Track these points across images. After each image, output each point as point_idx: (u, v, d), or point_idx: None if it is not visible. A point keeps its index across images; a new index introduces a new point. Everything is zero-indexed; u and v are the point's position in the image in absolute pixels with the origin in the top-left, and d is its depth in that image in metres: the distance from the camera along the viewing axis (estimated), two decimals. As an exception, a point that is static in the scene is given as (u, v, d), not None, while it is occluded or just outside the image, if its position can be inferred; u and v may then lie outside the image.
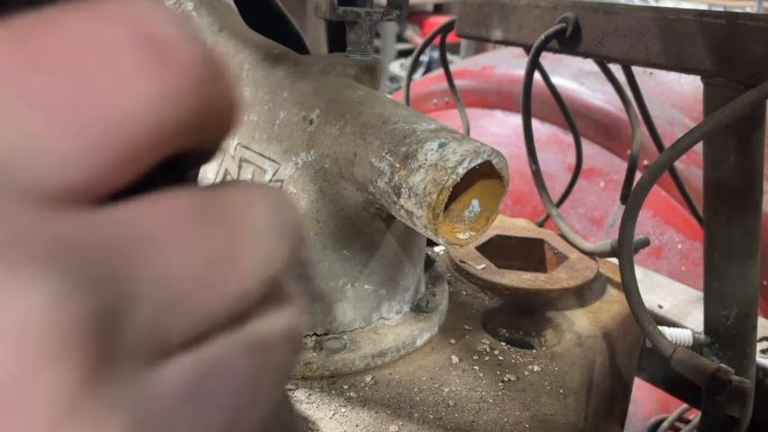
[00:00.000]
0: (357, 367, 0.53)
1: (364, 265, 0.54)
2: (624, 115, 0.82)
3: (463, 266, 0.70)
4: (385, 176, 0.46)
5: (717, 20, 0.57)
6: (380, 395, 0.51)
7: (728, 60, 0.57)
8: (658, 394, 0.96)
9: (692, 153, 0.63)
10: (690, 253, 1.38)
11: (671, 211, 1.42)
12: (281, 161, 0.53)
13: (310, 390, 0.51)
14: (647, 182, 0.54)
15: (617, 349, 0.63)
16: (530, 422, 0.49)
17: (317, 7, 0.53)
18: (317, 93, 0.53)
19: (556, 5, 0.72)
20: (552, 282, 0.68)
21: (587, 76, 1.56)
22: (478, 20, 0.82)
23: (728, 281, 0.69)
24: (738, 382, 0.51)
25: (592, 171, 1.50)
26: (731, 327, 0.72)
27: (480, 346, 0.57)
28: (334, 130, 0.50)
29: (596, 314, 0.65)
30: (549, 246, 0.76)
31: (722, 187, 0.65)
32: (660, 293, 0.90)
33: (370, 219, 0.53)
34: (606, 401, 0.64)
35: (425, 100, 1.86)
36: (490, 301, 0.66)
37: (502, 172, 0.46)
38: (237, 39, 0.61)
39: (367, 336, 0.56)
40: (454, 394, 0.51)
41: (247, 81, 0.58)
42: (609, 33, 0.66)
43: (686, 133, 0.53)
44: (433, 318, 0.59)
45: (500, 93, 1.70)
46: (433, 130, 0.46)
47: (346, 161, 0.49)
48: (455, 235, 0.46)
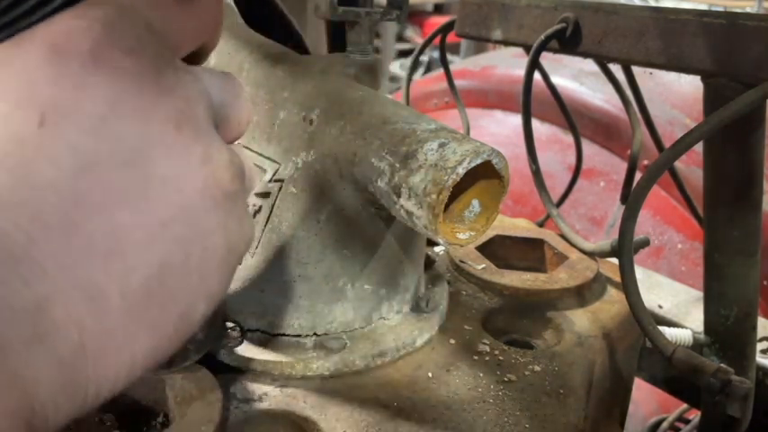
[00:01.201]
0: (357, 367, 0.53)
1: (364, 265, 0.54)
2: (624, 115, 0.82)
3: (463, 266, 0.70)
4: (385, 176, 0.46)
5: (717, 20, 0.57)
6: (380, 395, 0.51)
7: (728, 60, 0.57)
8: (658, 394, 0.96)
9: (692, 153, 0.63)
10: (690, 253, 1.38)
11: (671, 211, 1.43)
12: (281, 161, 0.53)
13: (310, 390, 0.51)
14: (647, 182, 0.54)
15: (617, 349, 0.63)
16: (530, 422, 0.49)
17: (317, 7, 0.53)
18: (317, 93, 0.53)
19: (556, 5, 0.72)
20: (552, 282, 0.68)
21: (587, 76, 1.56)
22: (478, 20, 0.82)
23: (728, 281, 0.69)
24: (738, 382, 0.51)
25: (592, 171, 1.50)
26: (731, 327, 0.72)
27: (480, 346, 0.57)
28: (334, 130, 0.50)
29: (596, 314, 0.65)
30: (549, 246, 0.76)
31: (722, 187, 0.65)
32: (660, 293, 0.90)
33: (370, 219, 0.53)
34: (606, 401, 0.64)
35: (425, 100, 1.86)
36: (490, 301, 0.66)
37: (502, 172, 0.46)
38: (237, 39, 0.61)
39: (367, 336, 0.56)
40: (454, 394, 0.51)
41: (247, 81, 0.58)
42: (609, 33, 0.66)
43: (686, 133, 0.53)
44: (432, 318, 0.59)
45: (500, 93, 1.70)
46: (433, 130, 0.46)
47: (346, 161, 0.49)
48: (455, 235, 0.46)
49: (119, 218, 0.24)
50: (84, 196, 0.23)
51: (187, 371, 0.49)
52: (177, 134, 0.26)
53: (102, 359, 0.24)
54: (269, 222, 0.53)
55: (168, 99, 0.26)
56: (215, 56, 0.61)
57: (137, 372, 0.26)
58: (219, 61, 0.60)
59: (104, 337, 0.24)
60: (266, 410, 0.48)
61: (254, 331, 0.55)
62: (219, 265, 0.28)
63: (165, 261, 0.25)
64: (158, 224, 0.25)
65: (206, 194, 0.27)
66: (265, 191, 0.54)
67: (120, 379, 0.25)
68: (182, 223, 0.26)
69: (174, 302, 0.26)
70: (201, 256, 0.27)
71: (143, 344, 0.26)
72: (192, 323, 0.28)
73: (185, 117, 0.27)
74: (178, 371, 0.48)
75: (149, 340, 0.26)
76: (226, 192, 0.28)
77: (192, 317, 0.28)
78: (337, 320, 0.55)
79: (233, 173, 0.28)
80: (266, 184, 0.54)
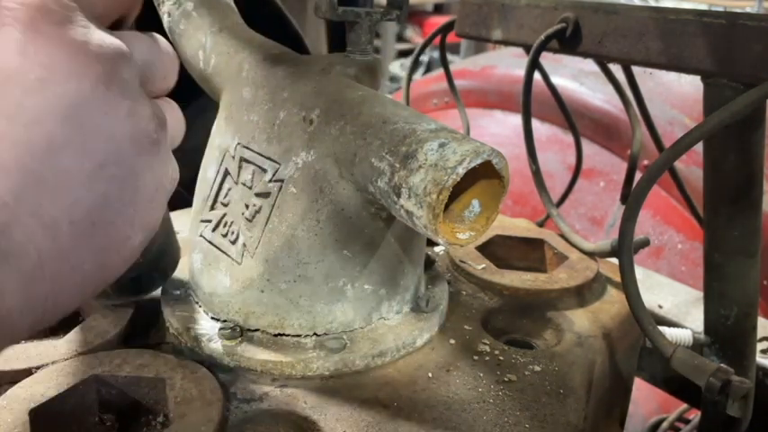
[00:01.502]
0: (357, 367, 0.53)
1: (364, 265, 0.54)
2: (624, 115, 0.82)
3: (463, 266, 0.70)
4: (385, 176, 0.46)
5: (717, 20, 0.57)
6: (380, 395, 0.51)
7: (728, 60, 0.57)
8: (658, 394, 0.96)
9: (692, 153, 0.63)
10: (690, 253, 1.38)
11: (671, 211, 1.43)
12: (281, 161, 0.53)
13: (310, 390, 0.51)
14: (647, 182, 0.54)
15: (617, 349, 0.63)
16: (530, 422, 0.49)
17: (316, 7, 0.53)
18: (317, 93, 0.53)
19: (556, 5, 0.72)
20: (552, 282, 0.68)
21: (587, 76, 1.56)
22: (478, 20, 0.82)
23: (728, 281, 0.69)
24: (738, 382, 0.51)
25: (592, 171, 1.50)
26: (731, 327, 0.72)
27: (480, 346, 0.57)
28: (334, 130, 0.50)
29: (596, 314, 0.65)
30: (549, 246, 0.76)
31: (722, 187, 0.65)
32: (660, 293, 0.90)
33: (370, 219, 0.53)
34: (606, 401, 0.64)
35: (425, 100, 1.86)
36: (490, 301, 0.66)
37: (502, 172, 0.46)
38: (237, 39, 0.61)
39: (367, 336, 0.56)
40: (454, 394, 0.51)
41: (247, 81, 0.58)
42: (609, 33, 0.66)
43: (686, 133, 0.53)
44: (432, 318, 0.59)
45: (500, 93, 1.70)
46: (433, 130, 0.46)
47: (346, 161, 0.49)
48: (455, 235, 0.46)
49: (63, 161, 0.30)
50: (33, 144, 0.29)
51: (187, 369, 0.49)
52: (106, 91, 0.32)
53: (58, 276, 0.31)
54: (269, 222, 0.53)
55: (97, 62, 0.32)
56: (215, 56, 0.61)
57: (87, 291, 0.34)
58: (219, 61, 0.60)
59: (58, 258, 0.30)
60: (266, 410, 0.48)
61: (254, 331, 0.55)
62: (150, 200, 0.35)
63: (103, 195, 0.32)
64: (96, 166, 0.32)
65: (133, 141, 0.34)
66: (265, 191, 0.54)
67: (74, 297, 0.33)
68: (115, 165, 0.33)
69: (114, 230, 0.33)
70: (134, 192, 0.34)
71: (91, 265, 0.33)
72: (132, 250, 0.35)
73: (113, 77, 0.33)
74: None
75: (96, 261, 0.33)
76: (150, 139, 0.35)
77: (131, 244, 0.35)
78: (337, 320, 0.55)
79: (156, 124, 0.35)
80: (266, 184, 0.54)
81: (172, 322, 0.57)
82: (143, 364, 0.49)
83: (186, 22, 0.62)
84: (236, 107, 0.58)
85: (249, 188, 0.55)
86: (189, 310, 0.58)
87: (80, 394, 0.47)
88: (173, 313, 0.58)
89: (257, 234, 0.53)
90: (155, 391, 0.48)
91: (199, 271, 0.58)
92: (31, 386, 0.47)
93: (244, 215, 0.55)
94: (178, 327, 0.56)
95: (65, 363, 0.50)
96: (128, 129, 0.33)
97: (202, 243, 0.58)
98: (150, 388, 0.48)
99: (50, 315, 0.32)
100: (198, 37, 0.62)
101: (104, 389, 0.48)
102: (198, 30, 0.62)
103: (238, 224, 0.55)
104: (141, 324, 0.58)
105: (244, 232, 0.54)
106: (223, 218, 0.56)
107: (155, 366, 0.49)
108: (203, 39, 0.61)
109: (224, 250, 0.56)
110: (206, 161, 0.60)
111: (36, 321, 0.31)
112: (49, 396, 0.46)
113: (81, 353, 0.51)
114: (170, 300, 0.59)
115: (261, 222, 0.53)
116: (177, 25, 0.63)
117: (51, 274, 0.30)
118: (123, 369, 0.49)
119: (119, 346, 0.54)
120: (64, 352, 0.51)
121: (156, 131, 0.35)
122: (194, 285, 0.59)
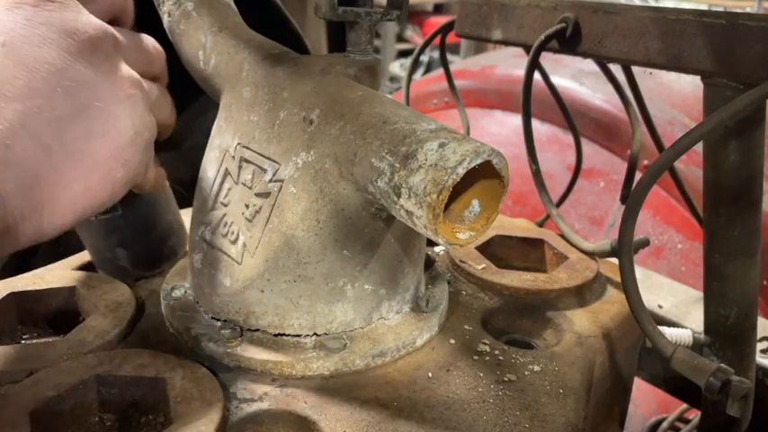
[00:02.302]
0: (357, 367, 0.53)
1: (364, 265, 0.54)
2: (624, 115, 0.82)
3: (463, 266, 0.70)
4: (385, 176, 0.46)
5: (717, 20, 0.57)
6: (380, 395, 0.51)
7: (728, 60, 0.57)
8: (658, 394, 0.96)
9: (692, 153, 0.63)
10: (690, 253, 1.38)
11: (671, 211, 1.43)
12: (281, 161, 0.53)
13: (310, 390, 0.51)
14: (647, 182, 0.54)
15: (617, 349, 0.63)
16: (530, 422, 0.49)
17: (317, 7, 0.53)
18: (317, 93, 0.53)
19: (556, 5, 0.72)
20: (552, 282, 0.68)
21: (587, 76, 1.56)
22: (478, 20, 0.82)
23: (728, 281, 0.69)
24: (738, 382, 0.51)
25: (592, 171, 1.50)
26: (731, 327, 0.72)
27: (480, 346, 0.57)
28: (334, 131, 0.50)
29: (596, 314, 0.65)
30: (549, 246, 0.76)
31: (722, 187, 0.65)
32: (660, 293, 0.90)
33: (370, 219, 0.53)
34: (606, 401, 0.64)
35: (425, 100, 1.86)
36: (490, 301, 0.66)
37: (502, 172, 0.46)
38: (237, 39, 0.61)
39: (367, 336, 0.56)
40: (454, 394, 0.51)
41: (247, 81, 0.58)
42: (609, 33, 0.66)
43: (686, 133, 0.53)
44: (432, 318, 0.59)
45: (500, 93, 1.70)
46: (433, 130, 0.46)
47: (346, 161, 0.49)
48: (455, 235, 0.46)
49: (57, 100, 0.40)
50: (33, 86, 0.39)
51: (187, 369, 0.49)
52: (91, 56, 0.43)
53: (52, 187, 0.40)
54: (269, 222, 0.53)
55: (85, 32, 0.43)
56: (215, 56, 0.61)
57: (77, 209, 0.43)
58: (219, 61, 0.60)
59: (51, 171, 0.40)
60: (266, 410, 0.48)
61: (254, 331, 0.55)
62: (130, 143, 0.46)
63: (87, 129, 0.42)
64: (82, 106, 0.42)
65: (111, 93, 0.45)
66: (265, 191, 0.54)
67: (67, 213, 0.42)
68: (98, 109, 0.43)
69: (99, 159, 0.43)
70: (115, 133, 0.45)
71: (79, 185, 0.42)
72: (115, 182, 0.45)
73: (98, 44, 0.44)
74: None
75: (83, 184, 0.42)
76: (126, 93, 0.46)
77: (114, 175, 0.45)
78: (337, 320, 0.55)
79: (131, 83, 0.47)
80: (266, 184, 0.54)
81: (172, 322, 0.57)
82: (143, 364, 0.49)
83: (186, 22, 0.62)
84: (236, 107, 0.58)
85: (249, 188, 0.55)
86: (189, 310, 0.58)
87: (80, 394, 0.47)
88: (173, 313, 0.58)
89: (257, 234, 0.53)
90: (155, 391, 0.48)
91: (199, 271, 0.58)
92: (31, 386, 0.47)
93: (244, 215, 0.55)
94: (178, 327, 0.56)
95: (65, 363, 0.50)
96: (108, 84, 0.44)
97: (202, 243, 0.58)
98: (150, 388, 0.48)
99: (48, 227, 0.41)
100: (198, 37, 0.62)
101: (104, 389, 0.48)
102: (198, 30, 0.62)
103: (238, 224, 0.55)
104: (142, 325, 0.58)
105: (244, 232, 0.54)
106: (223, 218, 0.56)
107: (155, 366, 0.49)
108: (203, 39, 0.61)
109: (224, 250, 0.56)
110: (206, 161, 0.60)
111: (36, 232, 0.40)
112: (48, 396, 0.46)
113: (81, 353, 0.51)
114: (170, 300, 0.59)
115: (261, 222, 0.53)
116: (177, 25, 0.63)
117: (48, 187, 0.40)
118: (123, 369, 0.49)
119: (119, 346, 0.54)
120: (64, 352, 0.51)
121: (131, 87, 0.46)
122: (194, 285, 0.59)
